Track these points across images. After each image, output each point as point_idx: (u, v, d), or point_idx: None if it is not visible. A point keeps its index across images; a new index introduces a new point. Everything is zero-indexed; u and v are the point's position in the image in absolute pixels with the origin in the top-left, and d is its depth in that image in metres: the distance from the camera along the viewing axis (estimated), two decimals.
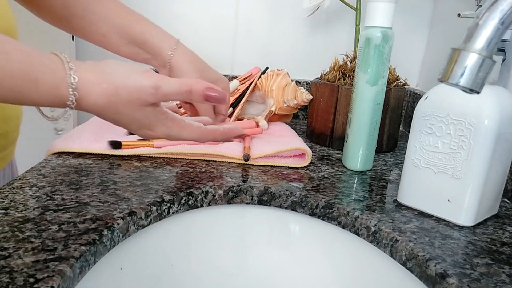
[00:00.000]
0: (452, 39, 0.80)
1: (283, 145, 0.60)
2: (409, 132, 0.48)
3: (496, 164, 0.43)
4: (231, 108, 0.77)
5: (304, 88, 0.85)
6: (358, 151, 0.58)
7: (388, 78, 0.67)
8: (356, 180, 0.56)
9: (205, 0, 0.91)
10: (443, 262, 0.37)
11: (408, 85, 0.73)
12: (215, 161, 0.58)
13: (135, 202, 0.43)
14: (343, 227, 0.47)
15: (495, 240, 0.41)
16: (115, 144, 0.56)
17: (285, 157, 0.60)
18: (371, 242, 0.44)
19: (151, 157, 0.58)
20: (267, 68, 0.83)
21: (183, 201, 0.47)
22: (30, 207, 0.40)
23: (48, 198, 0.42)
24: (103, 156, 0.56)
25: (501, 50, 0.55)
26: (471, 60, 0.32)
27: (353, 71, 0.68)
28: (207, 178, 0.52)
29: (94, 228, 0.37)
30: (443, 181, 0.44)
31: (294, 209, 0.50)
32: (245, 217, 0.53)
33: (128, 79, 0.39)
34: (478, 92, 0.33)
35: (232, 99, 0.78)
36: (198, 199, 0.48)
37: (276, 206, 0.51)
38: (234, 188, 0.50)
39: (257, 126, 0.68)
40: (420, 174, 0.46)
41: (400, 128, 0.84)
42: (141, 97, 0.39)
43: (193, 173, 0.53)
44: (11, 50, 0.35)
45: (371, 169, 0.60)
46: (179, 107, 0.70)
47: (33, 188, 0.44)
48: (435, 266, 0.36)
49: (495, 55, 0.34)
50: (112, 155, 0.57)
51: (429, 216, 0.46)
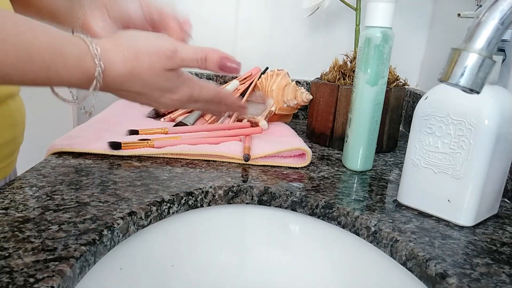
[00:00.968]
0: (452, 39, 0.80)
1: (283, 145, 0.60)
2: (409, 132, 0.48)
3: (496, 164, 0.43)
4: None
5: (304, 88, 0.85)
6: (358, 151, 0.58)
7: (388, 78, 0.67)
8: (356, 180, 0.56)
9: (205, 0, 0.91)
10: (443, 262, 0.37)
11: (408, 85, 0.73)
12: (215, 161, 0.58)
13: (135, 202, 0.43)
14: (343, 227, 0.47)
15: (495, 240, 0.41)
16: (115, 145, 0.56)
17: (285, 157, 0.60)
18: (371, 242, 0.44)
19: (151, 157, 0.58)
20: (267, 68, 0.83)
21: (183, 201, 0.47)
22: (30, 207, 0.40)
23: (48, 198, 0.42)
24: (103, 156, 0.56)
25: (501, 50, 0.55)
26: (471, 60, 0.32)
27: (353, 71, 0.68)
28: (207, 178, 0.52)
29: (94, 228, 0.37)
30: (443, 181, 0.44)
31: (294, 209, 0.50)
32: (245, 217, 0.53)
33: (147, 43, 0.40)
34: (478, 92, 0.33)
35: None
36: (198, 199, 0.48)
37: (276, 206, 0.51)
38: (234, 188, 0.50)
39: (257, 126, 0.68)
40: (420, 174, 0.46)
41: (400, 128, 0.84)
42: (161, 61, 0.40)
43: (193, 173, 0.53)
44: (36, 27, 0.35)
45: (371, 169, 0.60)
46: None
47: (33, 188, 0.44)
48: (435, 266, 0.36)
49: (495, 55, 0.34)
50: (112, 155, 0.57)
51: (429, 216, 0.46)
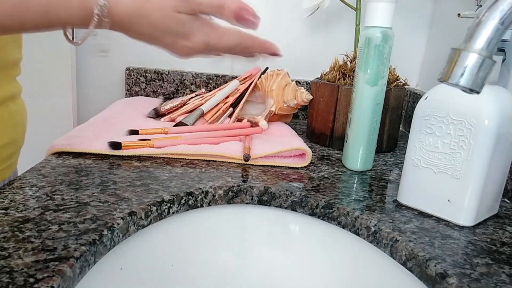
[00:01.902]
0: (452, 39, 0.80)
1: (283, 145, 0.60)
2: (409, 132, 0.48)
3: (496, 164, 0.43)
4: (231, 108, 0.77)
5: (304, 88, 0.85)
6: (358, 151, 0.58)
7: (388, 78, 0.67)
8: (356, 180, 0.56)
9: None
10: (443, 262, 0.37)
11: (408, 85, 0.73)
12: (215, 161, 0.58)
13: (135, 202, 0.43)
14: (343, 227, 0.47)
15: (495, 240, 0.41)
16: (115, 145, 0.56)
17: (285, 157, 0.60)
18: (371, 242, 0.44)
19: (151, 157, 0.58)
20: (267, 68, 0.83)
21: (183, 201, 0.47)
22: (30, 207, 0.40)
23: (48, 198, 0.42)
24: (103, 156, 0.56)
25: (501, 50, 0.54)
26: (471, 60, 0.32)
27: (353, 71, 0.68)
28: (207, 178, 0.52)
29: (94, 228, 0.37)
30: (443, 181, 0.44)
31: (294, 209, 0.50)
32: (245, 217, 0.53)
33: None
34: (478, 92, 0.33)
35: (232, 99, 0.78)
36: (198, 199, 0.48)
37: (276, 206, 0.51)
38: (234, 188, 0.50)
39: (257, 126, 0.68)
40: (420, 174, 0.46)
41: (400, 128, 0.84)
42: (173, 2, 0.37)
43: (193, 173, 0.53)
44: None
45: (371, 169, 0.60)
46: None
47: (33, 188, 0.44)
48: (435, 266, 0.36)
49: (495, 55, 0.34)
50: (112, 155, 0.57)
51: (429, 216, 0.46)
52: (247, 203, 0.51)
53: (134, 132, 0.64)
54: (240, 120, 0.74)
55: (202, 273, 0.51)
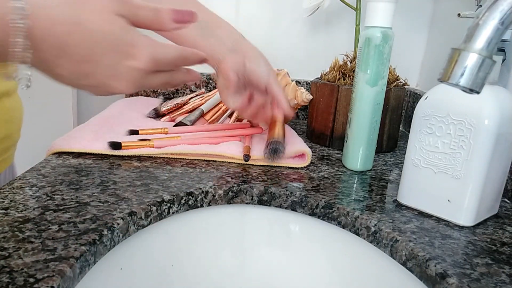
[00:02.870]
0: (452, 39, 0.80)
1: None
2: (409, 132, 0.48)
3: (496, 164, 0.43)
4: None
5: (304, 88, 0.85)
6: (358, 151, 0.58)
7: (388, 78, 0.67)
8: (356, 180, 0.56)
9: (205, 0, 0.91)
10: (443, 262, 0.37)
11: (408, 85, 0.73)
12: (215, 161, 0.58)
13: (135, 202, 0.43)
14: (343, 227, 0.47)
15: (495, 240, 0.41)
16: (115, 145, 0.56)
17: (285, 157, 0.60)
18: (371, 242, 0.44)
19: (151, 157, 0.58)
20: None
21: (183, 201, 0.47)
22: (30, 207, 0.40)
23: (48, 198, 0.42)
24: (103, 156, 0.56)
25: (501, 50, 0.54)
26: (471, 60, 0.32)
27: (353, 71, 0.68)
28: (207, 178, 0.52)
29: (94, 228, 0.37)
30: (443, 181, 0.44)
31: (294, 209, 0.50)
32: (245, 217, 0.53)
33: None
34: (478, 92, 0.33)
35: None
36: (198, 199, 0.48)
37: (276, 206, 0.51)
38: (234, 188, 0.50)
39: (257, 126, 0.68)
40: (420, 174, 0.46)
41: (400, 128, 0.84)
42: (112, 3, 0.30)
43: (193, 173, 0.53)
44: None
45: (371, 169, 0.60)
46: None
47: (33, 188, 0.44)
48: (435, 266, 0.36)
49: (495, 55, 0.34)
50: (112, 155, 0.57)
51: (429, 216, 0.46)
52: (247, 203, 0.51)
53: (134, 132, 0.64)
54: (240, 120, 0.74)
55: (202, 273, 0.51)
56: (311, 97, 0.74)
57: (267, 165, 0.58)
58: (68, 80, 0.31)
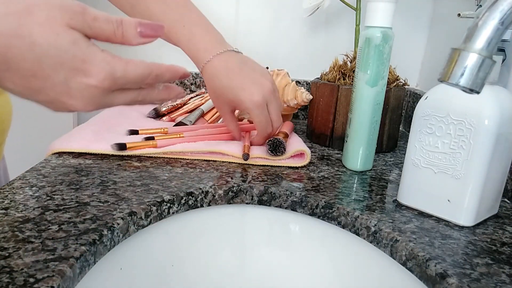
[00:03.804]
0: (452, 39, 0.80)
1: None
2: (409, 132, 0.48)
3: (496, 164, 0.43)
4: None
5: (304, 88, 0.85)
6: (358, 151, 0.58)
7: (388, 78, 0.67)
8: (356, 180, 0.56)
9: (205, 0, 0.91)
10: (443, 262, 0.37)
11: (408, 85, 0.73)
12: (215, 161, 0.58)
13: (135, 202, 0.43)
14: (343, 227, 0.47)
15: (495, 240, 0.41)
16: (121, 146, 0.56)
17: (285, 155, 0.60)
18: (371, 242, 0.44)
19: (151, 157, 0.58)
20: (267, 68, 0.83)
21: (183, 201, 0.47)
22: (30, 207, 0.40)
23: (48, 198, 0.42)
24: (103, 156, 0.56)
25: (501, 50, 0.54)
26: (471, 60, 0.32)
27: (353, 71, 0.68)
28: (207, 178, 0.52)
29: (94, 228, 0.37)
30: (443, 181, 0.44)
31: (294, 209, 0.50)
32: (245, 217, 0.53)
33: None
34: (478, 92, 0.33)
35: None
36: (198, 199, 0.48)
37: (276, 206, 0.51)
38: (234, 188, 0.50)
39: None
40: (420, 174, 0.46)
41: (400, 128, 0.84)
42: (64, 15, 0.28)
43: (193, 173, 0.53)
44: None
45: (371, 169, 0.60)
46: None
47: (33, 188, 0.44)
48: (435, 266, 0.36)
49: (495, 55, 0.34)
50: (112, 155, 0.57)
51: (429, 216, 0.46)
52: (247, 203, 0.51)
53: (134, 132, 0.64)
54: (240, 120, 0.74)
55: (202, 273, 0.51)
56: (311, 97, 0.74)
57: (267, 165, 0.58)
58: (20, 94, 0.29)
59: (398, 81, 0.70)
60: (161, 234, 0.47)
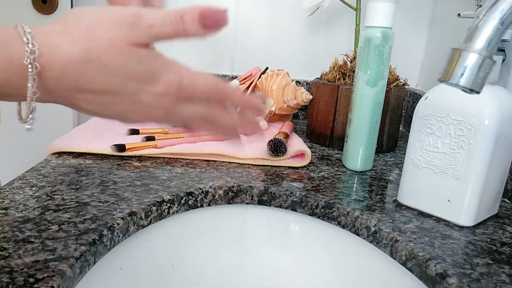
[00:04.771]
0: (452, 39, 0.80)
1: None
2: (409, 132, 0.48)
3: (496, 164, 0.43)
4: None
5: (304, 88, 0.85)
6: (358, 151, 0.58)
7: (388, 78, 0.67)
8: (356, 180, 0.56)
9: (205, 0, 0.91)
10: (443, 262, 0.37)
11: (408, 85, 0.73)
12: (215, 161, 0.58)
13: (135, 202, 0.43)
14: (343, 227, 0.47)
15: (495, 240, 0.41)
16: (120, 148, 0.56)
17: (286, 155, 0.60)
18: (371, 242, 0.44)
19: (151, 157, 0.58)
20: (267, 68, 0.83)
21: (183, 201, 0.47)
22: (30, 207, 0.40)
23: (48, 198, 0.42)
24: (103, 156, 0.56)
25: (501, 50, 0.54)
26: (471, 60, 0.32)
27: (353, 71, 0.68)
28: (207, 178, 0.52)
29: (94, 228, 0.37)
30: (443, 181, 0.44)
31: (294, 209, 0.50)
32: (245, 217, 0.53)
33: (100, 14, 0.29)
34: (478, 92, 0.33)
35: None
36: (198, 199, 0.48)
37: (276, 206, 0.51)
38: (234, 188, 0.50)
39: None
40: (420, 174, 0.46)
41: (400, 128, 0.84)
42: (122, 32, 0.29)
43: (193, 173, 0.53)
44: None
45: (371, 169, 0.60)
46: None
47: (33, 188, 0.44)
48: (435, 266, 0.36)
49: (495, 55, 0.34)
50: (112, 155, 0.57)
51: (429, 216, 0.46)
52: (247, 203, 0.51)
53: (135, 131, 0.64)
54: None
55: (202, 273, 0.51)
56: (311, 97, 0.74)
57: (267, 165, 0.58)
58: (93, 112, 0.31)
59: (398, 81, 0.70)
60: (161, 234, 0.47)
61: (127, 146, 0.57)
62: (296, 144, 0.62)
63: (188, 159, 0.58)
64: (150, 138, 0.60)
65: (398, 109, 0.69)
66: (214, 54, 0.93)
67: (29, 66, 0.27)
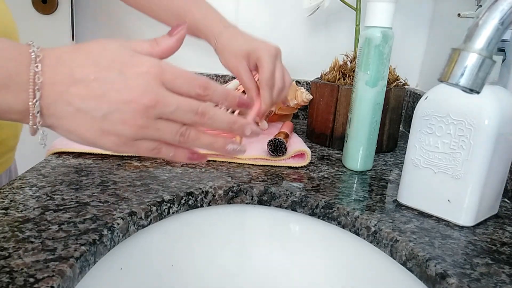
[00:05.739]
0: (452, 39, 0.80)
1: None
2: (409, 132, 0.48)
3: (496, 164, 0.43)
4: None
5: (304, 88, 0.85)
6: (358, 151, 0.58)
7: (388, 78, 0.67)
8: (356, 180, 0.56)
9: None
10: (443, 262, 0.37)
11: (408, 85, 0.73)
12: (215, 161, 0.58)
13: (135, 202, 0.43)
14: (343, 227, 0.47)
15: (495, 240, 0.41)
16: None
17: (286, 155, 0.60)
18: (371, 242, 0.44)
19: (151, 157, 0.58)
20: None
21: (183, 201, 0.47)
22: (30, 207, 0.40)
23: (48, 198, 0.42)
24: (103, 156, 0.56)
25: (501, 50, 0.54)
26: (471, 60, 0.32)
27: (353, 71, 0.68)
28: (207, 178, 0.52)
29: (94, 228, 0.37)
30: (443, 181, 0.44)
31: (294, 209, 0.50)
32: (245, 217, 0.53)
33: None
34: (478, 92, 0.33)
35: None
36: (198, 199, 0.48)
37: (276, 206, 0.51)
38: (234, 188, 0.50)
39: (257, 126, 0.68)
40: (420, 174, 0.46)
41: (400, 128, 0.84)
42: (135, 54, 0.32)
43: (193, 173, 0.53)
44: None
45: (371, 169, 0.60)
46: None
47: (33, 188, 0.44)
48: (435, 266, 0.36)
49: (495, 55, 0.34)
50: (112, 155, 0.57)
51: (429, 216, 0.46)
52: (247, 203, 0.51)
53: None
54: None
55: (202, 273, 0.51)
56: (311, 97, 0.74)
57: (267, 165, 0.58)
58: (88, 112, 0.32)
59: (398, 81, 0.70)
60: (161, 234, 0.47)
61: None
62: (296, 144, 0.62)
63: None
64: None
65: (398, 109, 0.69)
66: (214, 54, 0.93)
67: (32, 53, 0.30)
